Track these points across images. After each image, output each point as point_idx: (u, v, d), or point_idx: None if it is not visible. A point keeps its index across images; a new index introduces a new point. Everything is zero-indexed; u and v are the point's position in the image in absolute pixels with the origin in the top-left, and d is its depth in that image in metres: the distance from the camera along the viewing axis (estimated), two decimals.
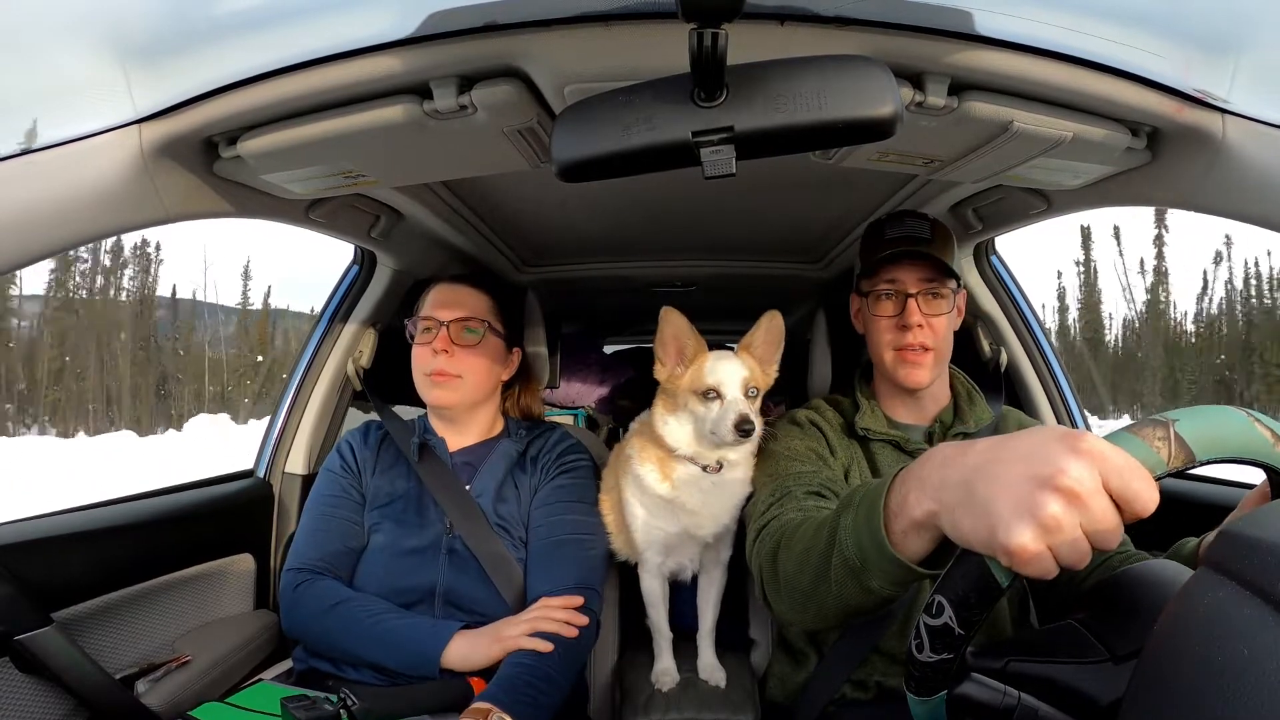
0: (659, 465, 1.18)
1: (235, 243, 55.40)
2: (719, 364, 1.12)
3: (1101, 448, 0.47)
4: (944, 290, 1.13)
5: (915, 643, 0.54)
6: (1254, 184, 0.78)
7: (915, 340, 1.11)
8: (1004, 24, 0.69)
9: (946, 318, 1.14)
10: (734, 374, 1.11)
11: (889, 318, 1.14)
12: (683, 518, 1.18)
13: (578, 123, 0.60)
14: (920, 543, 0.59)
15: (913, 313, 1.11)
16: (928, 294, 1.12)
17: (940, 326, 1.13)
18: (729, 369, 1.11)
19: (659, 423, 1.18)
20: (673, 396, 1.17)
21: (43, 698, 0.95)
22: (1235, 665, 0.36)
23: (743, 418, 1.05)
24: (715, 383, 1.11)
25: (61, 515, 1.09)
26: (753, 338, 1.18)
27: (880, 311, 1.15)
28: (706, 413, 1.11)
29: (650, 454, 1.19)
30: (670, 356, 1.18)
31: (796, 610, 0.83)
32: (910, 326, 1.11)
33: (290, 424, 1.52)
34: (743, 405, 1.08)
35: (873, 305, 1.16)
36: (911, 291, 1.12)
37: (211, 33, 0.70)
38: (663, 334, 1.17)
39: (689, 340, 1.16)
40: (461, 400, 1.26)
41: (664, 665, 1.27)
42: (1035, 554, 0.46)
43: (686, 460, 1.16)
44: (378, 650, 1.07)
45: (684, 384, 1.15)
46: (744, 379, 1.11)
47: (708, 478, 1.15)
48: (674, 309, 1.16)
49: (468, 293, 1.28)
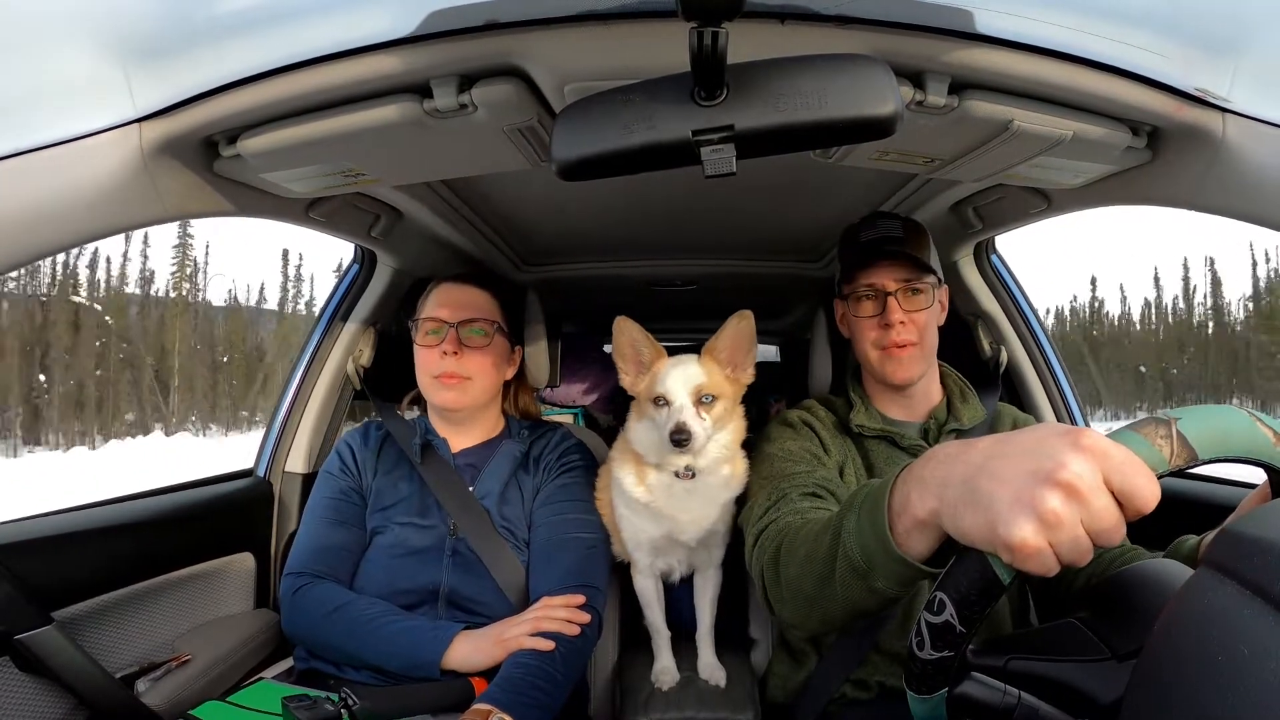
0: (635, 470, 1.18)
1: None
2: (670, 371, 1.10)
3: (1103, 444, 0.47)
4: (922, 286, 1.14)
5: (916, 640, 0.54)
6: (1254, 183, 0.78)
7: (898, 337, 1.12)
8: (1004, 23, 0.69)
9: (928, 312, 1.15)
10: (683, 381, 1.08)
11: (870, 318, 1.15)
12: (663, 522, 1.18)
13: (578, 122, 0.60)
14: (924, 541, 0.59)
15: (893, 310, 1.12)
16: (906, 291, 1.13)
17: (921, 321, 1.14)
18: (677, 375, 1.09)
19: (629, 429, 1.19)
20: (639, 403, 1.17)
21: (43, 697, 0.95)
22: (1235, 665, 0.36)
23: (678, 427, 1.03)
24: (664, 390, 1.09)
25: (61, 515, 1.09)
26: (717, 340, 1.14)
27: (861, 312, 1.16)
28: (658, 420, 1.10)
29: (628, 458, 1.19)
30: (630, 365, 1.17)
31: (801, 614, 0.83)
32: (892, 324, 1.12)
33: (290, 423, 1.52)
34: (685, 414, 1.05)
35: (854, 307, 1.17)
36: (890, 290, 1.13)
37: (211, 32, 0.70)
38: (618, 344, 1.16)
39: (645, 347, 1.15)
40: (471, 402, 1.25)
41: (664, 664, 1.27)
42: (1036, 549, 0.46)
43: (657, 466, 1.15)
44: (379, 653, 1.06)
45: (643, 391, 1.15)
46: (696, 386, 1.08)
47: (680, 483, 1.15)
48: (627, 319, 1.14)
49: (473, 292, 1.27)
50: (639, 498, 1.16)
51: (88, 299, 38.64)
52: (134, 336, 39.58)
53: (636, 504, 1.18)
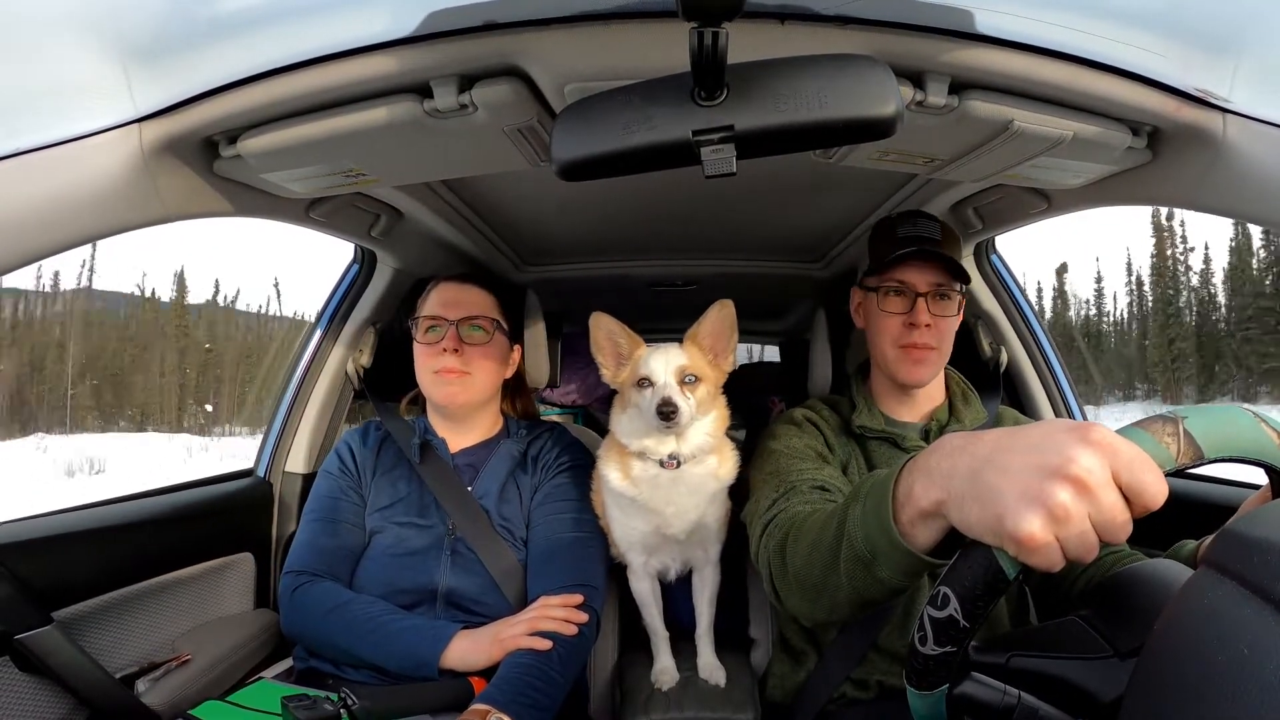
0: (619, 463, 1.18)
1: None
2: (653, 354, 1.14)
3: (1112, 440, 0.46)
4: (952, 292, 1.14)
5: (919, 635, 0.53)
6: (1254, 183, 0.78)
7: (921, 340, 1.12)
8: (1004, 23, 0.69)
9: (951, 320, 1.15)
10: (666, 361, 1.12)
11: (896, 314, 1.14)
12: (650, 515, 1.18)
13: (578, 122, 0.60)
14: (929, 532, 0.59)
15: (921, 312, 1.12)
16: (937, 295, 1.13)
17: (945, 328, 1.14)
18: (659, 357, 1.13)
19: (613, 419, 1.21)
20: (622, 394, 1.19)
21: (43, 697, 0.95)
22: (1235, 665, 0.36)
23: (664, 400, 1.06)
24: (647, 372, 1.12)
25: (61, 515, 1.09)
26: (699, 327, 1.18)
27: (888, 308, 1.15)
28: (643, 402, 1.12)
29: (613, 453, 1.20)
30: (609, 358, 1.20)
31: (807, 603, 0.83)
32: (918, 325, 1.11)
33: (290, 423, 1.52)
34: (669, 390, 1.08)
35: (881, 301, 1.16)
36: (921, 291, 1.12)
37: (211, 32, 0.70)
38: (596, 339, 1.19)
39: (622, 338, 1.18)
40: (471, 398, 1.25)
41: (663, 664, 1.27)
42: (1043, 543, 0.45)
43: (641, 456, 1.16)
44: (378, 652, 1.06)
45: (625, 380, 1.17)
46: (679, 366, 1.12)
47: (665, 474, 1.15)
48: (602, 314, 1.17)
49: (473, 291, 1.28)
50: (624, 491, 1.17)
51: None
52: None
53: (623, 499, 1.18)
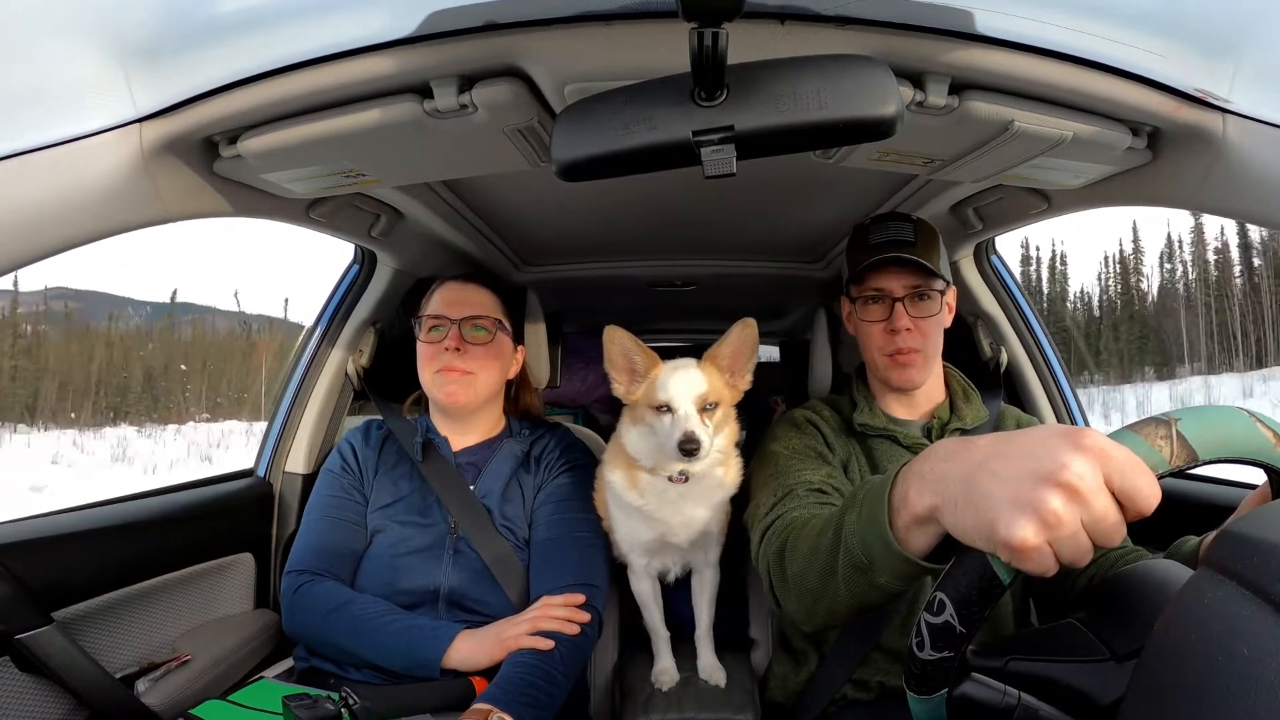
0: (627, 474, 1.17)
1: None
2: (671, 377, 1.09)
3: (1104, 444, 0.46)
4: (930, 292, 1.13)
5: (916, 641, 0.54)
6: (1254, 184, 0.78)
7: (904, 344, 1.12)
8: (1004, 24, 0.69)
9: (935, 319, 1.14)
10: (687, 388, 1.08)
11: (877, 322, 1.15)
12: (655, 525, 1.18)
13: (578, 122, 0.60)
14: (924, 538, 0.59)
15: (900, 317, 1.12)
16: (914, 297, 1.13)
17: (928, 328, 1.14)
18: (681, 383, 1.08)
19: (623, 433, 1.18)
20: (633, 409, 1.16)
21: (43, 697, 0.95)
22: (1235, 665, 0.36)
23: (686, 436, 1.02)
24: (667, 398, 1.07)
25: (61, 515, 1.09)
26: (720, 348, 1.14)
27: (868, 317, 1.16)
28: (660, 427, 1.09)
29: (619, 461, 1.18)
30: (622, 374, 1.16)
31: (806, 608, 0.83)
32: (898, 330, 1.12)
33: (291, 423, 1.52)
34: (691, 422, 1.04)
35: (861, 311, 1.17)
36: (898, 296, 1.12)
37: (211, 32, 0.70)
38: (610, 354, 1.15)
39: (638, 356, 1.14)
40: (473, 397, 1.25)
41: (663, 665, 1.27)
42: (1036, 549, 0.46)
43: (650, 471, 1.14)
44: (380, 652, 1.06)
45: (640, 398, 1.13)
46: (699, 394, 1.08)
47: (674, 488, 1.14)
48: (617, 327, 1.13)
49: (476, 291, 1.28)
50: (631, 501, 1.16)
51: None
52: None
53: (629, 507, 1.18)
